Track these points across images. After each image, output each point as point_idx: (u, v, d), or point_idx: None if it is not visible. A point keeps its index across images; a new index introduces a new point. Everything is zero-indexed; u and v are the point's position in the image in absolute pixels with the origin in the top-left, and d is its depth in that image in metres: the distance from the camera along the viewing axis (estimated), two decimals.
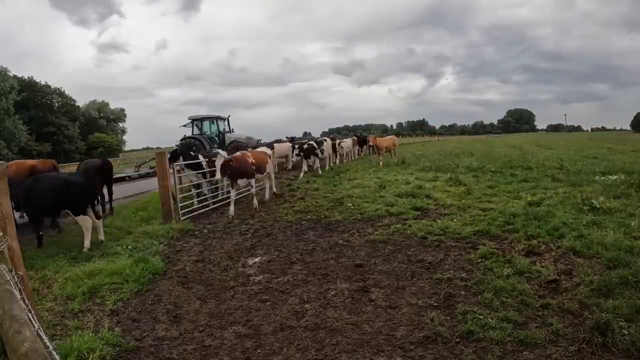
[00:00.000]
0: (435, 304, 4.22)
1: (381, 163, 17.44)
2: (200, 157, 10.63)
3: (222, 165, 8.70)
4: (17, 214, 6.60)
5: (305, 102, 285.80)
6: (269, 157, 10.83)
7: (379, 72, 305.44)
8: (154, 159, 10.27)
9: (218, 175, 8.86)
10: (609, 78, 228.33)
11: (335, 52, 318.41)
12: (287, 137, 25.44)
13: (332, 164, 18.52)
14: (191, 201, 9.71)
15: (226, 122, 24.58)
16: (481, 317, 3.79)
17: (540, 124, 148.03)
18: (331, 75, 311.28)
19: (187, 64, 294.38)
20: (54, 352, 1.65)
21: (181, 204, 8.96)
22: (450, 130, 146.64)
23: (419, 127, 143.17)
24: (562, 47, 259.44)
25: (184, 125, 24.24)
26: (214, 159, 9.25)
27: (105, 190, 9.95)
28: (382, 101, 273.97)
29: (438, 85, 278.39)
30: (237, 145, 22.46)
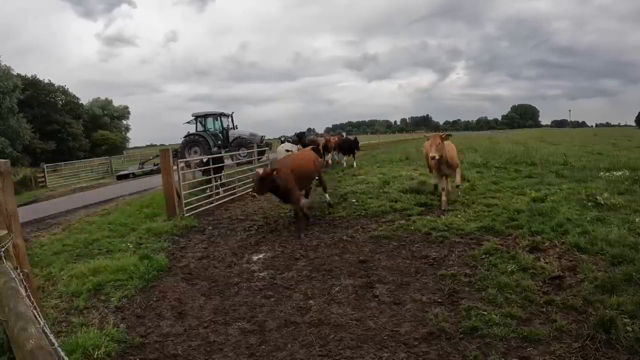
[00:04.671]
0: (439, 300, 4.22)
1: None
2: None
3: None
4: None
5: (313, 97, 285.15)
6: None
7: (390, 66, 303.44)
8: (157, 155, 10.31)
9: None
10: (619, 73, 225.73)
11: (349, 46, 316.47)
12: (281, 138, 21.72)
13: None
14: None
15: (230, 119, 24.62)
16: (485, 313, 3.79)
17: (545, 119, 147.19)
18: (342, 70, 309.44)
19: (197, 58, 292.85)
20: (59, 349, 1.66)
21: (185, 201, 8.98)
22: (454, 126, 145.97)
23: (422, 123, 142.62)
24: (575, 42, 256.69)
25: (188, 122, 24.31)
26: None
27: None
28: (391, 97, 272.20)
29: (448, 80, 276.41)
30: (241, 142, 22.55)
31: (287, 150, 10.70)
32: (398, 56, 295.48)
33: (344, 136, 20.59)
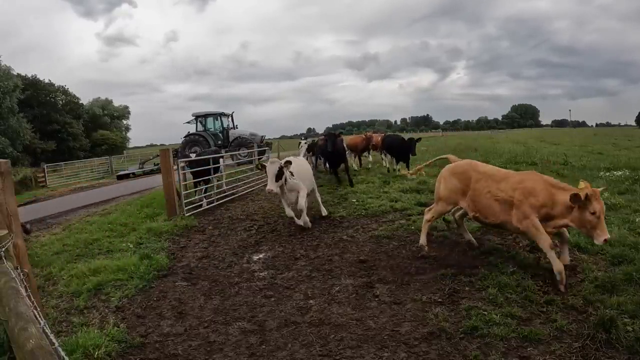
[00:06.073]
0: (439, 300, 4.21)
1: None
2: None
3: None
4: None
5: (314, 97, 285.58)
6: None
7: (391, 66, 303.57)
8: (157, 155, 10.24)
9: None
10: (620, 73, 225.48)
11: (349, 46, 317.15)
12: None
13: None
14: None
15: (230, 119, 24.63)
16: (485, 312, 3.79)
17: (545, 119, 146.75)
18: (343, 70, 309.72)
19: (197, 57, 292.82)
20: (59, 349, 1.66)
21: (185, 200, 8.97)
22: (454, 125, 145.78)
23: (423, 123, 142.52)
24: (576, 42, 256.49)
25: (188, 122, 24.32)
26: None
27: None
28: (391, 96, 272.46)
29: (448, 80, 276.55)
30: (241, 142, 22.56)
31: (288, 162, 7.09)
32: (398, 56, 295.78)
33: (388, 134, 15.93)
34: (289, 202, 6.93)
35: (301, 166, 7.33)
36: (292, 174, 6.72)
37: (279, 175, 6.41)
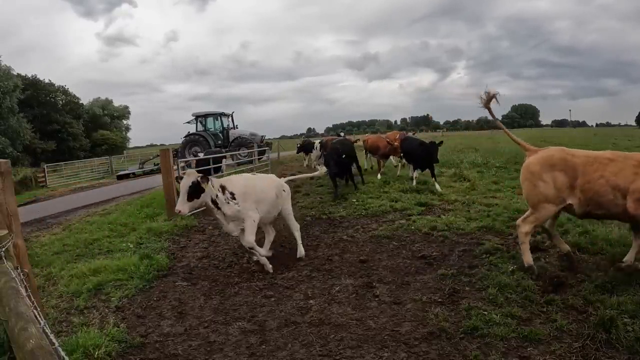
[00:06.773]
0: (439, 300, 4.21)
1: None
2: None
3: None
4: None
5: (314, 97, 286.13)
6: None
7: (391, 66, 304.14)
8: (157, 155, 10.25)
9: None
10: (620, 73, 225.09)
11: (349, 45, 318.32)
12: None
13: None
14: None
15: (230, 119, 24.66)
16: (485, 312, 3.79)
17: (545, 119, 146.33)
18: (343, 70, 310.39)
19: (197, 57, 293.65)
20: (59, 349, 1.66)
21: None
22: (455, 125, 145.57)
23: (423, 123, 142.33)
24: (576, 42, 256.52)
25: (188, 122, 24.36)
26: None
27: None
28: (391, 96, 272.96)
29: (448, 80, 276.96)
30: (241, 142, 22.58)
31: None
32: (398, 56, 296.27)
33: (413, 135, 14.49)
34: (229, 232, 5.37)
35: (257, 183, 5.55)
36: (232, 195, 5.07)
37: (194, 192, 4.83)
